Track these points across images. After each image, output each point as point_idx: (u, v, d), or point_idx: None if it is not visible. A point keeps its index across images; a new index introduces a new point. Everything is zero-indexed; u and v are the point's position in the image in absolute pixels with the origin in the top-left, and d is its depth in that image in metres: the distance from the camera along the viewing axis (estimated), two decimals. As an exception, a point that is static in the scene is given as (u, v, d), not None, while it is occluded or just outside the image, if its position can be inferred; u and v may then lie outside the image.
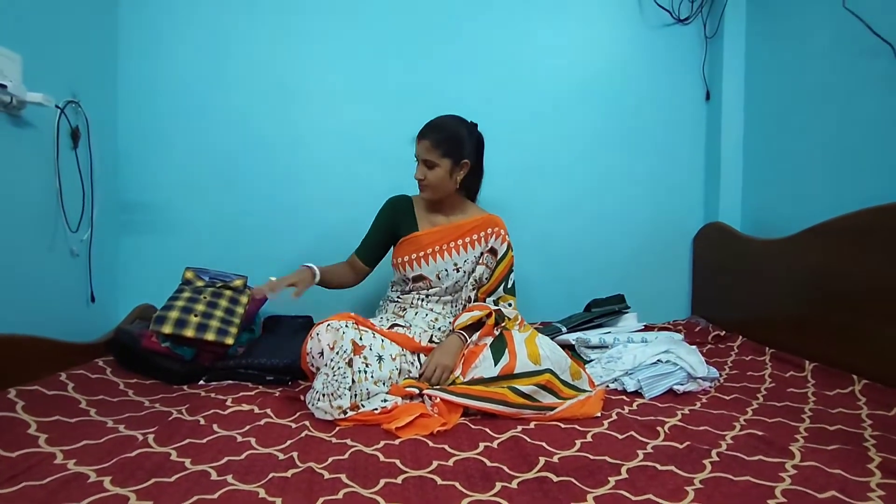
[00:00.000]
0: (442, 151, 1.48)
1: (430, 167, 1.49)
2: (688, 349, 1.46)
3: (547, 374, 1.25)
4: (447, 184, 1.52)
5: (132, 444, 1.00)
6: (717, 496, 0.84)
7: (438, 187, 1.51)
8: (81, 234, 1.64)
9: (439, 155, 1.48)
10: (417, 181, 1.51)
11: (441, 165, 1.49)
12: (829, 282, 1.53)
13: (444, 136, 1.49)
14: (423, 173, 1.49)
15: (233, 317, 1.50)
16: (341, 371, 1.19)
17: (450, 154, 1.49)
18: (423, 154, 1.49)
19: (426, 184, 1.50)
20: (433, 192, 1.52)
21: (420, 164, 1.50)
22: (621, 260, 2.18)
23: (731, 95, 2.15)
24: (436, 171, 1.49)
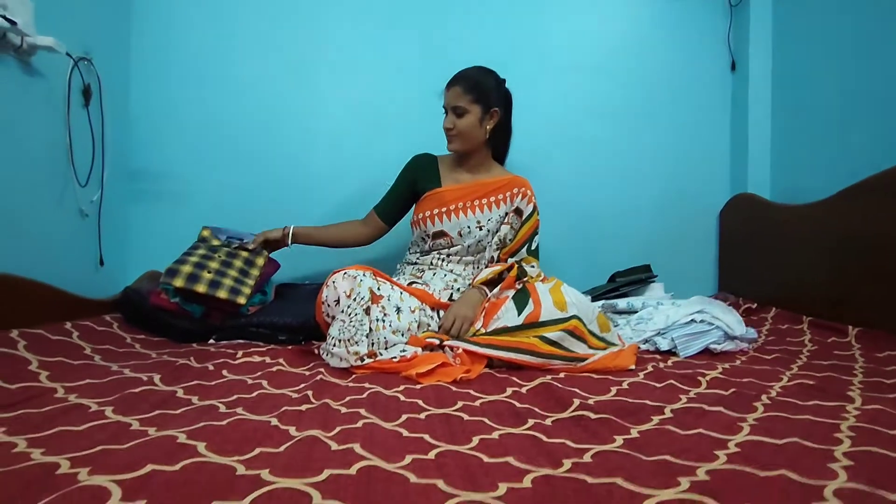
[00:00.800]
0: (472, 97, 1.44)
1: (460, 114, 1.44)
2: (723, 308, 1.37)
3: (574, 319, 1.17)
4: (477, 132, 1.46)
5: (137, 383, 0.94)
6: (776, 430, 0.75)
7: (468, 136, 1.46)
8: (91, 194, 1.59)
9: (470, 101, 1.44)
10: (446, 131, 1.45)
11: (471, 112, 1.44)
12: (871, 244, 1.43)
13: (474, 82, 1.45)
14: (453, 122, 1.44)
15: (246, 277, 1.44)
16: (358, 318, 1.12)
17: (480, 101, 1.45)
18: (452, 101, 1.43)
19: (455, 133, 1.44)
20: (462, 142, 1.46)
21: (449, 113, 1.44)
22: (645, 235, 2.10)
23: (759, 64, 2.07)
24: (466, 118, 1.44)
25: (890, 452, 0.67)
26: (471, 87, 1.45)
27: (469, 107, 1.44)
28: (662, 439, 0.73)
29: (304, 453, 0.64)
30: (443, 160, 1.56)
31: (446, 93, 1.46)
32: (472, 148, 1.50)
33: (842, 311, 1.50)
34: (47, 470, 0.58)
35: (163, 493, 0.53)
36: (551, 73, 2.04)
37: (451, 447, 0.69)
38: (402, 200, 1.54)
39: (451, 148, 1.48)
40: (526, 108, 1.99)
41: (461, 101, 1.44)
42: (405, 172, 1.55)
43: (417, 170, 1.54)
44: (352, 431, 0.73)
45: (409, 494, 0.55)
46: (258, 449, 0.66)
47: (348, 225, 1.56)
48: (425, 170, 1.53)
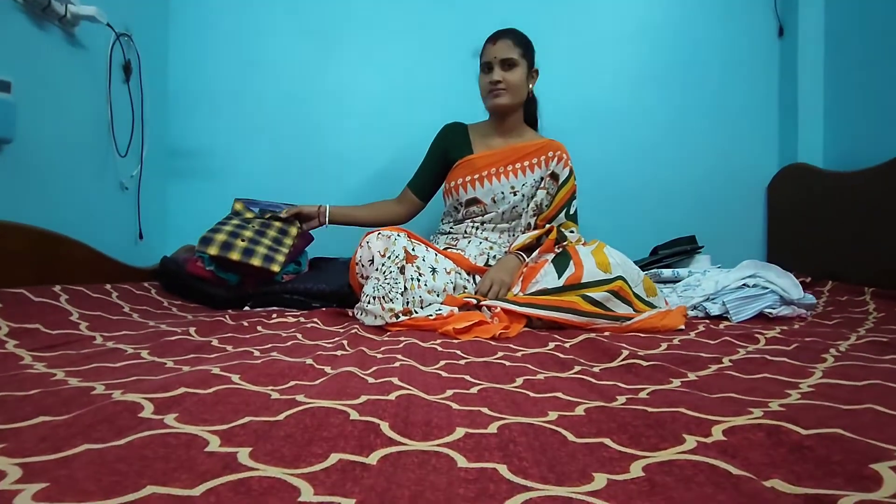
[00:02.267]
0: (521, 51, 1.42)
1: (510, 67, 1.40)
2: (778, 272, 1.29)
3: (619, 280, 1.11)
4: (523, 89, 1.44)
5: (173, 334, 0.94)
6: (853, 375, 0.68)
7: (517, 91, 1.42)
8: (131, 167, 1.62)
9: (520, 54, 1.41)
10: (491, 86, 1.40)
11: (520, 66, 1.41)
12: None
13: (522, 37, 1.43)
14: (502, 75, 1.39)
15: (280, 246, 1.43)
16: (393, 276, 1.09)
17: (526, 56, 1.43)
18: (503, 52, 1.39)
19: (505, 86, 1.40)
20: (511, 97, 1.42)
21: (497, 67, 1.40)
22: (689, 210, 2.00)
23: (809, 29, 1.95)
24: (515, 71, 1.40)
25: None
26: (520, 41, 1.43)
27: (519, 60, 1.41)
28: (725, 381, 0.67)
29: (341, 383, 0.62)
30: (473, 128, 1.52)
31: (492, 46, 1.42)
32: (516, 105, 1.46)
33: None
34: (83, 391, 0.57)
35: (195, 408, 0.51)
36: (592, 42, 1.98)
37: (495, 385, 0.65)
38: (435, 173, 1.51)
39: (499, 102, 1.42)
40: (566, 78, 1.94)
41: (513, 53, 1.40)
42: (435, 144, 1.52)
43: (447, 139, 1.50)
44: (389, 371, 0.70)
45: (451, 417, 0.51)
46: (293, 382, 0.63)
47: (383, 204, 1.53)
48: (456, 138, 1.50)
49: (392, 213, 1.53)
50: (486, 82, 1.43)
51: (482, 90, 1.45)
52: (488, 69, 1.43)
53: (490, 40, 1.44)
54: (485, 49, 1.44)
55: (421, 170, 1.51)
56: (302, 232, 1.58)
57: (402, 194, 1.53)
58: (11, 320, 0.85)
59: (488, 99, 1.44)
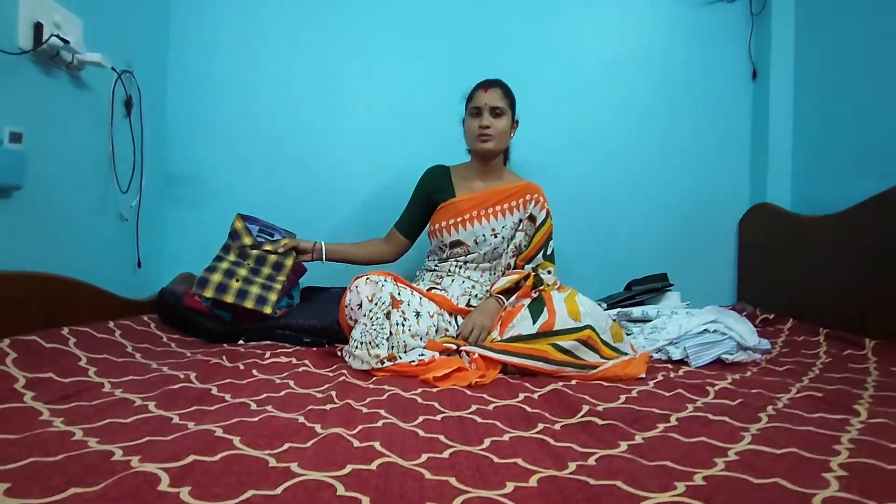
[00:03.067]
0: (508, 102, 1.52)
1: (498, 115, 1.50)
2: (736, 318, 1.39)
3: (588, 329, 1.21)
4: (507, 138, 1.54)
5: (175, 380, 1.02)
6: (778, 440, 0.79)
7: (503, 138, 1.52)
8: (131, 199, 1.69)
9: (507, 105, 1.52)
10: (480, 130, 1.49)
11: (506, 115, 1.51)
12: (890, 255, 1.43)
13: (508, 89, 1.54)
14: (491, 121, 1.49)
15: (274, 283, 1.50)
16: (379, 322, 1.18)
17: (512, 108, 1.54)
18: (494, 101, 1.49)
19: (493, 132, 1.49)
20: (498, 143, 1.51)
21: (486, 114, 1.49)
22: (663, 244, 2.11)
23: (780, 73, 2.07)
24: (502, 120, 1.51)
25: (886, 465, 0.70)
26: (507, 93, 1.54)
27: (506, 109, 1.52)
28: (665, 445, 0.77)
29: (329, 448, 0.70)
30: (455, 170, 1.61)
31: (483, 93, 1.51)
32: (500, 151, 1.55)
33: (861, 324, 1.50)
34: (104, 456, 0.65)
35: (205, 480, 0.59)
36: (573, 78, 2.08)
37: (464, 447, 0.75)
38: (421, 214, 1.60)
39: (487, 147, 1.50)
40: (547, 111, 2.04)
41: (502, 103, 1.50)
42: (420, 186, 1.61)
43: (431, 182, 1.59)
44: (372, 430, 0.79)
45: (423, 489, 0.60)
46: (287, 444, 0.72)
47: (374, 244, 1.62)
48: (439, 181, 1.59)
49: (382, 253, 1.61)
50: (474, 126, 1.51)
51: (469, 133, 1.54)
52: (477, 114, 1.52)
53: (482, 87, 1.53)
54: (475, 95, 1.53)
55: (407, 211, 1.60)
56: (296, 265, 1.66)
57: (389, 234, 1.62)
58: (26, 370, 0.93)
59: (476, 142, 1.53)
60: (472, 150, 1.56)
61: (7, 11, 1.18)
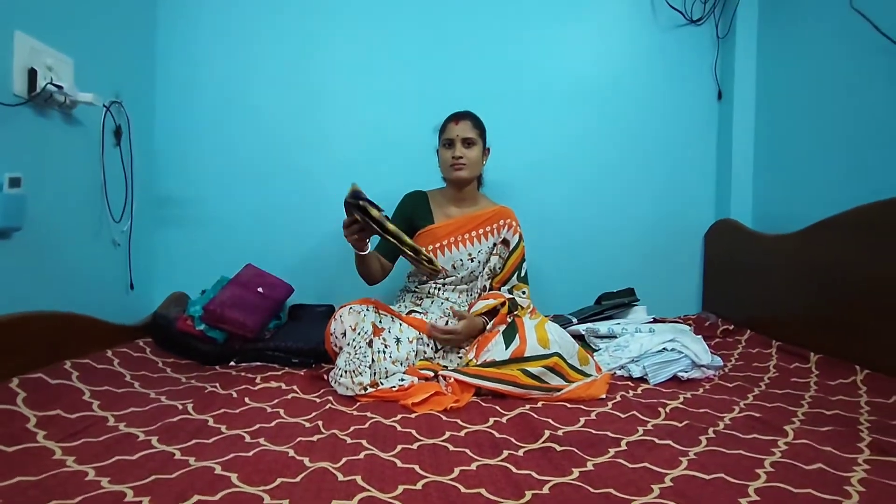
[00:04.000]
0: (479, 132, 1.63)
1: (470, 145, 1.61)
2: (693, 338, 1.52)
3: (555, 356, 1.32)
4: (479, 166, 1.65)
5: (173, 411, 1.11)
6: (710, 465, 0.90)
7: (475, 167, 1.63)
8: (122, 225, 1.76)
9: (477, 135, 1.62)
10: (454, 160, 1.60)
11: (478, 145, 1.62)
12: (836, 275, 1.56)
13: (478, 120, 1.64)
14: (463, 152, 1.60)
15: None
16: (362, 350, 1.28)
17: (482, 137, 1.65)
18: (465, 132, 1.60)
19: (465, 161, 1.60)
20: (471, 171, 1.62)
21: (458, 144, 1.60)
22: (632, 255, 2.23)
23: (743, 94, 2.19)
24: (474, 150, 1.61)
25: (794, 489, 0.82)
26: (477, 124, 1.65)
27: (477, 140, 1.62)
28: (612, 472, 0.89)
29: (316, 484, 0.80)
30: (433, 196, 1.71)
31: (455, 125, 1.61)
32: (473, 178, 1.66)
33: (809, 338, 1.64)
34: (117, 498, 0.74)
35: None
36: (543, 100, 2.17)
37: (436, 478, 0.85)
38: None
39: (461, 175, 1.61)
40: (519, 131, 2.14)
41: (472, 134, 1.61)
42: (400, 211, 1.70)
43: (412, 207, 1.69)
44: (355, 464, 0.89)
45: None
46: (279, 479, 0.82)
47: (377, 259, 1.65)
48: (418, 207, 1.68)
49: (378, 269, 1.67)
50: (448, 156, 1.61)
51: (443, 163, 1.64)
52: (450, 145, 1.61)
53: (452, 120, 1.62)
54: (447, 127, 1.63)
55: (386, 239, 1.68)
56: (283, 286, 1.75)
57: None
58: (36, 409, 1.01)
59: (450, 172, 1.62)
60: (446, 179, 1.66)
61: (2, 61, 1.24)
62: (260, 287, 1.70)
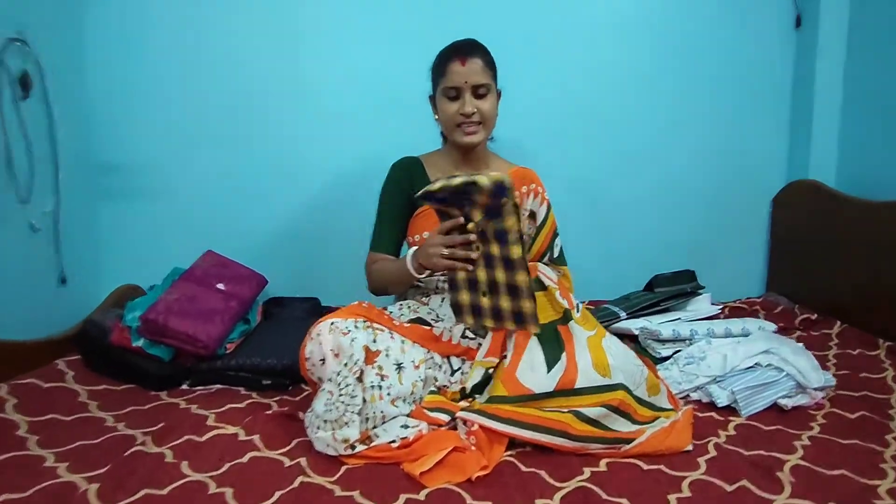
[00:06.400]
0: (492, 73, 1.21)
1: (483, 95, 1.18)
2: (794, 348, 1.14)
3: (620, 390, 0.94)
4: (495, 121, 1.23)
5: (70, 495, 0.75)
6: None
7: (490, 124, 1.23)
8: (44, 204, 1.36)
9: (491, 77, 1.20)
10: (462, 118, 1.18)
11: (492, 92, 1.20)
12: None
13: (490, 56, 1.21)
14: (476, 104, 1.17)
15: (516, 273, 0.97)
16: (349, 389, 0.90)
17: (495, 78, 1.23)
18: (476, 76, 1.17)
19: (480, 118, 1.19)
20: (487, 131, 1.22)
21: (468, 95, 1.17)
22: (683, 225, 1.83)
23: (831, 19, 1.71)
24: (488, 100, 1.19)
25: None
26: (489, 62, 1.22)
27: (491, 85, 1.21)
28: None
29: None
30: (429, 161, 1.30)
31: (460, 66, 1.17)
32: (487, 138, 1.26)
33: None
34: None
35: None
36: (577, 32, 1.71)
37: None
38: (405, 221, 1.27)
39: (474, 140, 1.21)
40: (542, 77, 1.69)
41: (485, 77, 1.19)
42: (394, 186, 1.28)
43: (408, 178, 1.27)
44: None
45: None
46: None
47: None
48: (414, 179, 1.26)
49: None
50: (453, 112, 1.19)
51: (447, 120, 1.21)
52: (455, 95, 1.19)
53: (457, 58, 1.18)
54: (450, 69, 1.18)
55: (385, 225, 1.27)
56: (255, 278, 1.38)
57: (369, 260, 1.29)
58: None
59: (457, 133, 1.21)
60: (455, 142, 1.24)
61: None
62: (221, 283, 1.32)
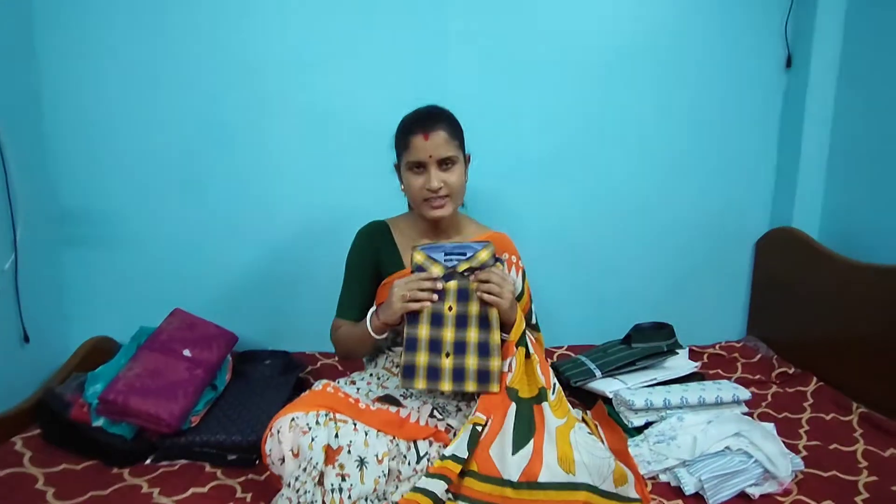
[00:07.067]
0: (458, 143, 1.17)
1: (449, 167, 1.15)
2: (763, 432, 1.13)
3: (583, 491, 0.93)
4: (463, 190, 1.20)
5: None
6: None
7: (460, 194, 1.19)
8: (1, 261, 1.32)
9: (457, 147, 1.16)
10: (430, 193, 1.14)
11: (459, 163, 1.16)
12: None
13: (454, 122, 1.18)
14: (442, 178, 1.13)
15: (489, 334, 1.06)
16: (308, 497, 0.89)
17: (462, 146, 1.19)
18: (441, 149, 1.12)
19: (449, 192, 1.15)
20: (455, 203, 1.18)
21: (434, 169, 1.13)
22: (667, 262, 1.80)
23: (822, 61, 1.67)
24: (456, 171, 1.15)
25: None
26: (455, 131, 1.17)
27: (457, 155, 1.16)
28: None
29: None
30: (396, 226, 1.27)
31: (422, 140, 1.12)
32: (457, 208, 1.22)
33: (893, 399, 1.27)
34: None
35: None
36: (557, 75, 1.65)
37: None
38: (371, 287, 1.24)
39: (442, 214, 1.16)
40: (517, 114, 1.64)
41: (451, 150, 1.14)
42: (359, 254, 1.25)
43: (373, 246, 1.24)
44: None
45: None
46: None
47: None
48: (382, 244, 1.24)
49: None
50: (418, 187, 1.15)
51: (414, 194, 1.17)
52: (420, 169, 1.15)
53: (420, 131, 1.13)
54: (412, 144, 1.13)
55: (349, 294, 1.24)
56: (223, 336, 1.34)
57: (335, 327, 1.26)
58: None
59: (424, 208, 1.17)
60: (422, 215, 1.20)
61: None
62: (187, 348, 1.29)
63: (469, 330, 1.05)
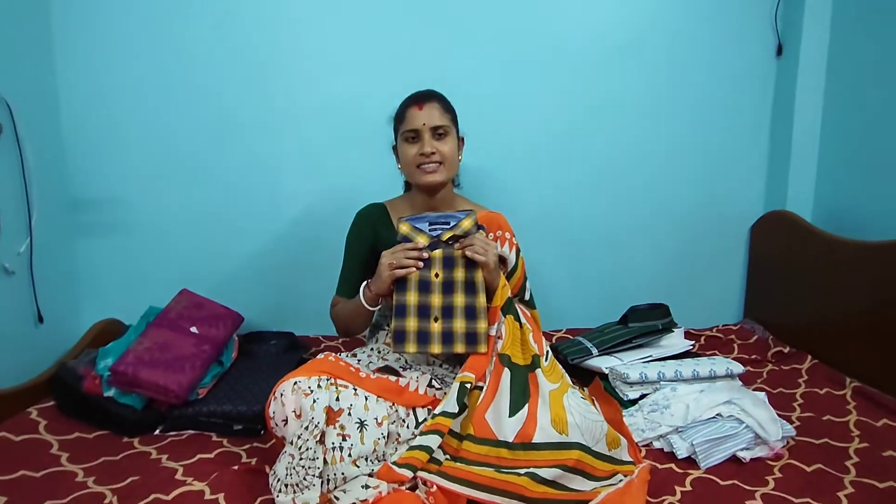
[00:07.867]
0: (451, 117, 1.26)
1: (442, 136, 1.22)
2: (754, 399, 1.15)
3: (576, 450, 0.96)
4: (457, 162, 1.27)
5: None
6: None
7: (453, 164, 1.26)
8: (15, 245, 1.37)
9: (450, 120, 1.24)
10: (423, 158, 1.21)
11: (451, 135, 1.24)
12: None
13: (447, 102, 1.26)
14: (434, 145, 1.20)
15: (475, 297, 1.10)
16: (310, 453, 0.92)
17: (455, 123, 1.27)
18: (434, 119, 1.21)
19: (441, 158, 1.22)
20: (448, 171, 1.25)
21: (427, 136, 1.21)
22: (663, 247, 1.83)
23: (812, 49, 1.71)
24: (448, 141, 1.23)
25: None
26: (447, 106, 1.26)
27: (450, 127, 1.24)
28: None
29: None
30: (393, 208, 1.33)
31: (418, 111, 1.22)
32: (449, 180, 1.28)
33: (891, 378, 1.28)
34: None
35: None
36: (553, 60, 1.70)
37: None
38: (367, 267, 1.28)
39: (435, 179, 1.23)
40: (517, 105, 1.69)
41: (443, 120, 1.23)
42: (356, 236, 1.31)
43: (370, 227, 1.30)
44: None
45: None
46: None
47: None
48: (379, 225, 1.30)
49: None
50: (413, 154, 1.22)
51: (408, 163, 1.24)
52: (415, 138, 1.22)
53: (414, 104, 1.23)
54: (408, 114, 1.23)
55: (347, 272, 1.30)
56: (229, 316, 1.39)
57: (333, 302, 1.32)
58: None
59: (418, 174, 1.23)
60: (413, 184, 1.26)
61: None
62: (194, 326, 1.33)
63: (455, 295, 1.10)
